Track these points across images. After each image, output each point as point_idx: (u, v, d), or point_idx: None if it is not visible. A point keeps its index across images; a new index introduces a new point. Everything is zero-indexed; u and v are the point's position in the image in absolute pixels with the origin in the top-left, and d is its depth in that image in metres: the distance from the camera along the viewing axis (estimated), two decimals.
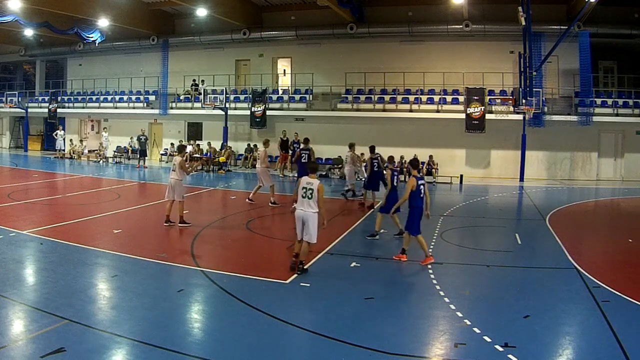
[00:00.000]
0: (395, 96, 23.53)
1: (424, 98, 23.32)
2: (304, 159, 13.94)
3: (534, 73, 20.40)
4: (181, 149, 12.52)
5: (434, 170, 21.33)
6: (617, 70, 23.68)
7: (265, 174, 13.86)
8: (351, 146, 15.34)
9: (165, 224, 10.85)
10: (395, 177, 10.38)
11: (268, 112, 24.57)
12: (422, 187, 8.52)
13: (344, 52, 25.23)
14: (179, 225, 10.80)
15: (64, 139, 27.81)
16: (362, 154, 18.41)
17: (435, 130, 22.57)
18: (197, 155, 23.48)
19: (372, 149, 13.43)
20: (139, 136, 24.27)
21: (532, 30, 19.82)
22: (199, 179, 19.67)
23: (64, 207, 13.24)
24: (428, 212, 8.89)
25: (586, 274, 7.97)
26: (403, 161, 21.59)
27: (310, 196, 7.64)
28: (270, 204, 13.75)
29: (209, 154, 24.12)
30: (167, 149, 27.28)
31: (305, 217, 7.67)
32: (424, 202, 8.62)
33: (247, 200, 14.08)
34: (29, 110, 31.15)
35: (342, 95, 24.38)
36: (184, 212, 10.98)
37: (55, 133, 27.82)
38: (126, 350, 5.15)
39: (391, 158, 11.50)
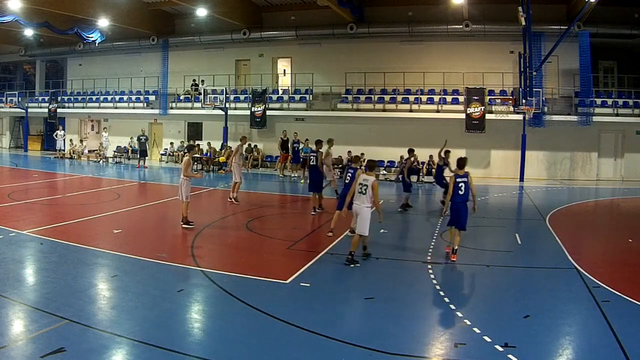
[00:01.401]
0: (395, 96, 23.52)
1: (424, 98, 23.31)
2: (312, 161, 13.84)
3: (534, 73, 20.39)
4: (190, 148, 12.50)
5: (434, 170, 21.29)
6: (617, 70, 23.67)
7: (236, 169, 14.26)
8: (329, 141, 14.31)
9: (183, 225, 10.78)
10: (350, 175, 10.45)
11: (268, 112, 24.58)
12: (461, 184, 8.65)
13: (344, 52, 25.25)
14: (182, 225, 10.78)
15: (64, 139, 27.79)
16: (349, 151, 18.43)
17: (435, 130, 22.49)
18: (197, 155, 23.46)
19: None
20: (139, 136, 24.23)
21: (532, 30, 19.81)
22: (199, 179, 19.62)
23: (64, 207, 13.24)
24: (475, 206, 8.93)
25: (586, 274, 7.97)
26: (403, 161, 21.56)
27: (364, 192, 8.24)
28: (229, 199, 14.14)
29: (209, 154, 24.12)
30: (167, 149, 27.27)
31: (359, 210, 8.30)
32: (465, 198, 8.72)
33: (228, 199, 14.20)
34: (29, 110, 31.13)
35: (342, 95, 24.37)
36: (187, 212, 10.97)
37: (55, 133, 27.81)
38: (126, 350, 5.15)
39: (356, 158, 11.67)
